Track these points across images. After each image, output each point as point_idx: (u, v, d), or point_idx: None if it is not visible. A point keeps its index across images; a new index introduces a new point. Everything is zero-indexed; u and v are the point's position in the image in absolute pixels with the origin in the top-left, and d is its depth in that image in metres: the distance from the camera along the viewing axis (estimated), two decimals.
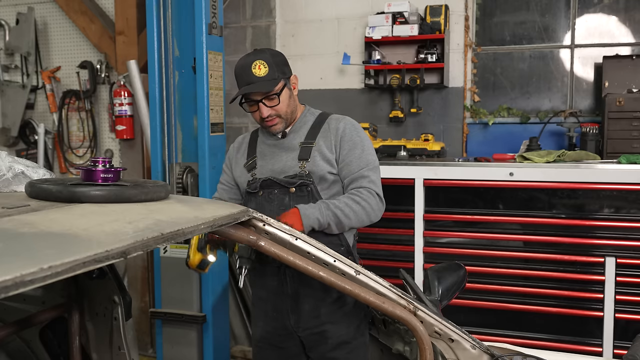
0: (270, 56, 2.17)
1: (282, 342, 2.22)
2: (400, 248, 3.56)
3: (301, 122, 2.27)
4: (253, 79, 2.12)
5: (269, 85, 2.13)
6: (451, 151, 4.05)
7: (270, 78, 2.13)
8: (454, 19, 4.05)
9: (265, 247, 1.62)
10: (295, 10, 4.41)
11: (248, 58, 2.16)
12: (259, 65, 2.12)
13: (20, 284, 0.82)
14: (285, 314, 2.19)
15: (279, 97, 2.15)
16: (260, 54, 2.17)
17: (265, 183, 2.19)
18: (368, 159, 2.20)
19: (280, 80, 2.15)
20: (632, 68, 3.69)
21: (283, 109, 2.18)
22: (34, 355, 2.17)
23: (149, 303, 4.31)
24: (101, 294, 2.07)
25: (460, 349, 1.68)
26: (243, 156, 2.33)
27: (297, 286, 2.16)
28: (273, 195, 2.18)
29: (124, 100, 4.26)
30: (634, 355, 1.75)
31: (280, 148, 2.24)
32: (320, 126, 2.24)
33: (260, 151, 2.28)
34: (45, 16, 4.75)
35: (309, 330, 2.18)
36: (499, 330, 3.37)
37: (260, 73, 2.12)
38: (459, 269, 2.10)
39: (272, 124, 2.19)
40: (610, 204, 3.26)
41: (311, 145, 2.20)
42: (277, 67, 2.16)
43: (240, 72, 2.16)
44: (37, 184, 1.48)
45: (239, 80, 2.17)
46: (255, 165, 2.26)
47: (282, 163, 2.21)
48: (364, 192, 2.14)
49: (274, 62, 2.15)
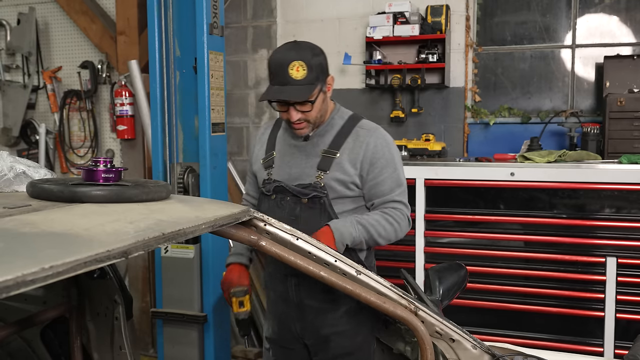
0: (311, 55, 1.99)
1: (290, 343, 2.21)
2: (401, 248, 3.56)
3: (328, 126, 2.12)
4: (289, 81, 1.96)
5: (304, 92, 1.97)
6: (452, 151, 4.05)
7: (307, 83, 1.97)
8: (455, 18, 4.05)
9: (266, 247, 1.62)
10: (296, 10, 4.41)
11: (287, 54, 1.99)
12: (297, 67, 1.96)
13: (22, 283, 0.82)
14: (291, 319, 2.17)
15: (313, 103, 2.02)
16: (301, 51, 1.98)
17: (279, 188, 2.11)
18: (400, 178, 2.12)
19: (317, 86, 2.00)
20: (633, 68, 3.68)
21: (314, 115, 2.04)
22: (35, 355, 2.18)
23: (150, 303, 4.31)
24: (102, 294, 2.08)
25: (461, 349, 1.68)
26: (262, 149, 2.23)
27: (302, 296, 2.11)
28: (285, 202, 2.10)
29: (125, 100, 4.26)
30: (634, 356, 1.74)
31: (301, 151, 2.13)
32: (348, 134, 2.10)
33: (280, 149, 2.18)
34: (47, 16, 4.75)
35: (313, 339, 2.15)
36: (500, 330, 3.37)
37: (297, 76, 1.96)
38: (460, 269, 2.09)
39: (299, 127, 2.06)
40: (611, 204, 3.25)
41: (334, 156, 2.07)
42: (316, 70, 1.99)
43: (277, 69, 1.99)
44: (39, 184, 1.48)
45: (273, 77, 2.01)
46: (272, 164, 2.16)
47: (300, 169, 2.11)
48: (397, 213, 2.09)
49: (313, 64, 1.98)
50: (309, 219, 2.06)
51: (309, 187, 2.07)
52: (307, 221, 2.05)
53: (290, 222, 2.03)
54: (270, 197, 2.14)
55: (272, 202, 2.13)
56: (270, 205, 2.13)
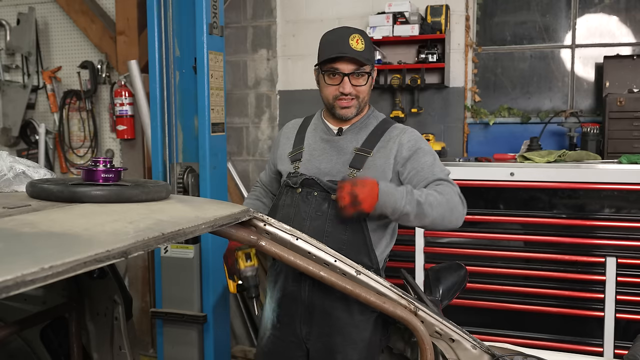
0: (368, 39, 2.00)
1: (290, 349, 2.08)
2: (401, 248, 3.55)
3: (362, 124, 2.08)
4: (349, 50, 1.93)
5: (364, 60, 1.95)
6: (452, 151, 4.05)
7: (366, 56, 1.96)
8: (455, 19, 4.05)
9: (265, 247, 1.62)
10: (296, 10, 4.42)
11: (348, 29, 1.99)
12: (358, 39, 1.95)
13: (22, 283, 0.82)
14: (297, 322, 2.04)
15: (368, 78, 2.00)
16: (360, 31, 1.99)
17: (308, 182, 2.01)
18: (442, 167, 2.01)
19: (371, 65, 2.00)
20: (633, 68, 3.69)
21: (363, 93, 2.00)
22: (35, 355, 2.18)
23: (150, 303, 4.31)
24: (102, 294, 2.08)
25: (461, 349, 1.68)
26: (289, 142, 2.16)
27: (314, 298, 2.00)
28: (311, 196, 2.00)
29: (124, 100, 4.26)
30: (634, 356, 1.74)
31: (333, 146, 2.06)
32: (382, 135, 2.04)
33: (309, 144, 2.10)
34: (46, 16, 4.75)
35: (320, 344, 2.01)
36: (500, 330, 3.37)
37: (357, 47, 1.94)
38: (460, 269, 2.09)
39: (348, 105, 2.00)
40: (611, 204, 3.25)
41: (367, 155, 2.00)
42: (371, 52, 2.00)
43: (336, 40, 1.96)
44: (38, 183, 1.48)
45: (331, 48, 1.96)
46: (300, 158, 2.08)
47: (331, 164, 2.02)
48: (445, 188, 1.91)
49: (370, 46, 1.99)
50: (335, 217, 1.96)
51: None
52: (333, 219, 1.97)
53: (316, 217, 1.98)
54: (295, 191, 2.04)
55: (297, 197, 2.03)
56: (295, 199, 2.03)
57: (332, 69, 1.97)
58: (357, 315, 1.97)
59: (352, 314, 1.98)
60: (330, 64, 1.98)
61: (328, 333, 2.00)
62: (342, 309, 1.97)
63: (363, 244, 1.99)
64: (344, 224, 1.96)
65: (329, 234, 1.96)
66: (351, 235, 1.98)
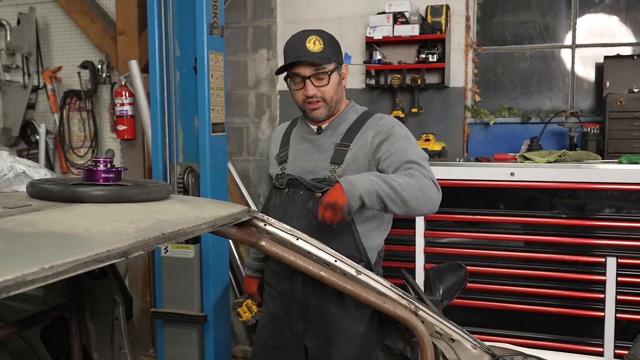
0: (328, 36, 2.04)
1: (287, 345, 2.12)
2: (401, 248, 3.55)
3: (341, 119, 2.11)
4: (305, 53, 1.97)
5: (320, 60, 1.97)
6: (452, 151, 4.05)
7: (324, 56, 1.98)
8: (455, 18, 4.05)
9: (266, 247, 1.62)
10: (296, 10, 4.42)
11: (304, 32, 2.02)
12: (315, 40, 1.98)
13: (22, 283, 0.82)
14: (293, 319, 2.09)
15: (329, 77, 2.01)
16: (318, 31, 2.03)
17: (293, 181, 2.07)
18: (417, 151, 1.99)
19: (332, 62, 2.02)
20: (633, 68, 3.69)
21: (330, 93, 2.03)
22: (35, 355, 2.18)
23: (150, 303, 4.31)
24: (102, 294, 2.08)
25: (461, 349, 1.68)
26: (277, 146, 2.21)
27: (307, 296, 2.04)
28: (297, 196, 2.06)
29: (125, 100, 4.26)
30: (634, 356, 1.74)
31: (314, 145, 2.11)
32: (361, 126, 2.07)
33: (294, 145, 2.16)
34: (47, 16, 4.75)
35: (316, 340, 2.05)
36: (500, 330, 3.37)
37: (314, 48, 1.97)
38: (460, 269, 2.10)
39: (315, 107, 2.04)
40: (611, 204, 3.25)
41: (346, 149, 2.03)
42: (332, 49, 2.02)
43: (293, 45, 2.01)
44: (39, 184, 1.48)
45: (289, 53, 2.01)
46: (286, 159, 2.13)
47: (313, 162, 2.07)
48: (414, 172, 1.89)
49: (330, 44, 2.02)
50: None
51: (324, 182, 2.02)
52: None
53: (302, 216, 2.02)
54: (282, 191, 2.10)
55: (284, 197, 2.09)
56: (283, 200, 2.09)
57: (293, 74, 2.02)
58: (353, 310, 2.01)
59: (347, 309, 2.01)
60: (290, 69, 2.03)
61: (324, 329, 2.04)
62: (337, 305, 2.01)
63: (351, 238, 2.02)
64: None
65: (315, 231, 1.97)
66: (338, 230, 2.00)
